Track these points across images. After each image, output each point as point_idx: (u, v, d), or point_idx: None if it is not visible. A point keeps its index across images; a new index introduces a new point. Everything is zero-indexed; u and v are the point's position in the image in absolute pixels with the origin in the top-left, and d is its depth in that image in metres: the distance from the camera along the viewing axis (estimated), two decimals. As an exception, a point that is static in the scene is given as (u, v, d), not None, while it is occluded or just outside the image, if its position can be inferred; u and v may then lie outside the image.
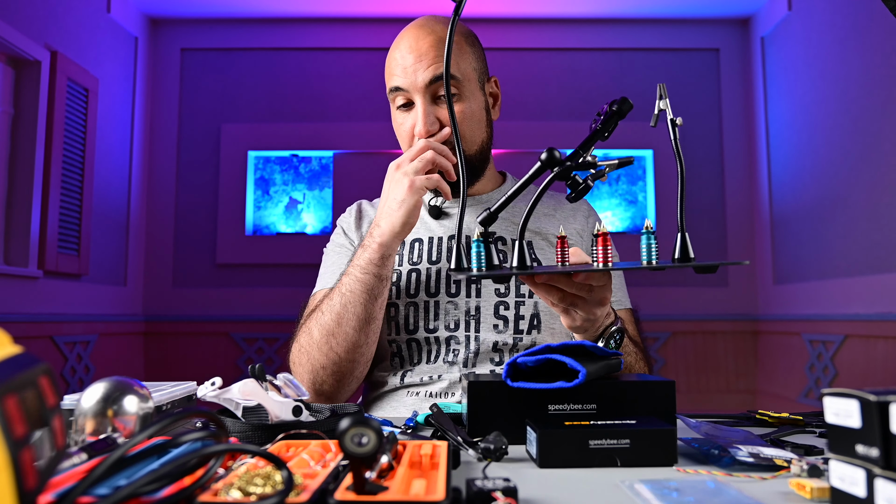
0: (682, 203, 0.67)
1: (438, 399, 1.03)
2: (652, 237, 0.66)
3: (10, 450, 0.31)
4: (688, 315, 3.53)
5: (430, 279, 1.07)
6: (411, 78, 1.03)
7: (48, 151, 2.75)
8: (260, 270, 3.51)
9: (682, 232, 0.66)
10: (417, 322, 1.05)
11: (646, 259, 0.66)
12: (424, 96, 1.04)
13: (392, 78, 1.06)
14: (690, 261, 0.66)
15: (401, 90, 1.05)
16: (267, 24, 3.66)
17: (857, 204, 2.68)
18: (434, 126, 1.04)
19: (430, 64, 1.03)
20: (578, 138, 0.74)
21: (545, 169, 0.71)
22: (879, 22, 2.52)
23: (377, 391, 1.09)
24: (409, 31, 1.07)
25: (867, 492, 0.41)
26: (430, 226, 1.13)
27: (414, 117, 1.05)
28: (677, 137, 0.67)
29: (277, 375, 0.75)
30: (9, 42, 2.53)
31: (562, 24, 3.67)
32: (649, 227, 0.66)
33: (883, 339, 2.50)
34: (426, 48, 1.04)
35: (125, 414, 0.59)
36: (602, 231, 0.68)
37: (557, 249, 0.71)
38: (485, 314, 1.05)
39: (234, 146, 3.61)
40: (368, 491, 0.42)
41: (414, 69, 1.03)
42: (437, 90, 1.04)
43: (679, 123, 0.66)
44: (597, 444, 0.59)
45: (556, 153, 0.70)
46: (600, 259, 0.68)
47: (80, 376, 2.90)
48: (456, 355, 1.04)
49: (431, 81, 1.03)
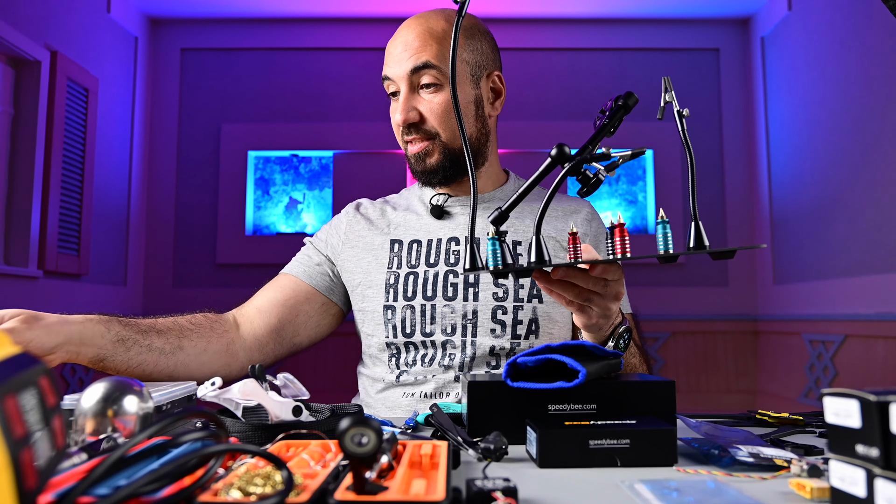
0: (694, 192, 0.68)
1: (431, 399, 1.02)
2: (667, 226, 0.66)
3: (10, 450, 0.31)
4: (688, 315, 3.53)
5: (427, 282, 1.06)
6: (395, 68, 1.05)
7: (48, 151, 2.75)
8: (260, 270, 3.49)
9: (696, 220, 0.66)
10: (414, 326, 1.05)
11: (662, 248, 0.66)
12: (405, 83, 1.05)
13: (384, 67, 1.09)
14: (705, 248, 0.66)
15: (388, 79, 1.07)
16: (267, 24, 3.66)
17: (857, 204, 2.68)
18: (412, 115, 1.05)
19: (412, 54, 1.04)
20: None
21: (556, 165, 0.71)
22: (879, 22, 2.52)
23: (373, 386, 1.09)
24: (405, 23, 1.09)
25: (867, 492, 0.41)
26: (430, 227, 1.12)
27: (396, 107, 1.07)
28: (685, 128, 0.67)
29: (277, 375, 0.75)
30: (9, 42, 2.53)
31: (562, 24, 3.67)
32: (664, 217, 0.66)
33: (883, 339, 2.50)
34: (412, 38, 1.05)
35: (125, 414, 0.59)
36: (618, 222, 0.68)
37: (570, 245, 0.70)
38: (482, 318, 1.04)
39: (234, 146, 3.61)
40: (368, 491, 0.42)
41: (399, 58, 1.05)
42: (419, 79, 1.05)
43: (686, 114, 0.67)
44: (597, 444, 0.59)
45: (565, 148, 0.70)
46: (618, 250, 0.67)
47: (80, 376, 2.90)
48: (452, 359, 1.03)
49: (413, 70, 1.04)
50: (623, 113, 0.71)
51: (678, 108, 0.67)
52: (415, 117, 1.05)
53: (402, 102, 1.05)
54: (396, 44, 1.06)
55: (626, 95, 0.71)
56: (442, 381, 1.03)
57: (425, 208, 1.14)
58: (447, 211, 1.13)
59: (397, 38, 1.07)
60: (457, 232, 1.10)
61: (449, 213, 1.12)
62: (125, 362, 0.90)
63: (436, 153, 1.07)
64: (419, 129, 1.06)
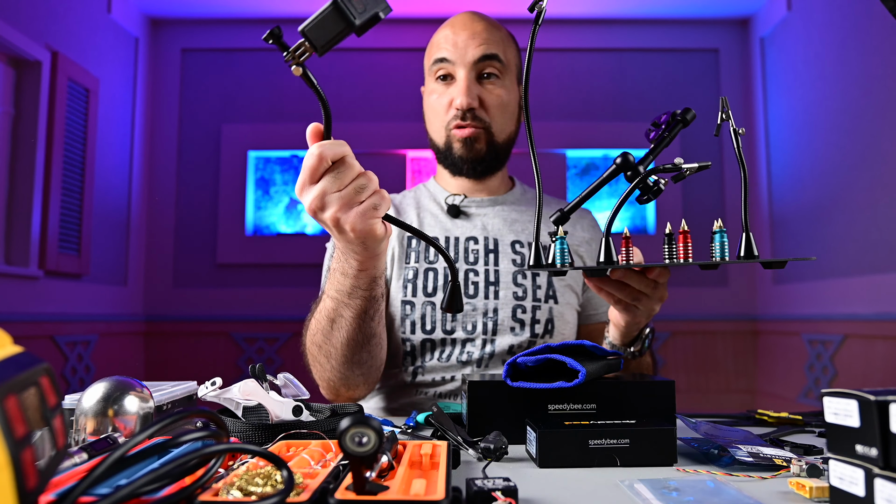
0: (746, 205, 0.73)
1: (448, 400, 1.02)
2: (724, 235, 0.70)
3: (10, 450, 0.31)
4: (688, 315, 3.52)
5: (447, 279, 1.06)
6: (461, 52, 1.07)
7: (49, 151, 2.75)
8: (260, 270, 3.51)
9: (747, 231, 0.71)
10: (434, 323, 1.05)
11: (719, 255, 0.70)
12: (470, 71, 1.07)
13: (438, 51, 1.09)
14: (756, 258, 0.70)
15: (446, 61, 1.08)
16: (267, 25, 3.63)
17: (857, 204, 2.68)
18: (475, 102, 1.06)
19: (481, 43, 1.07)
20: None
21: (619, 172, 0.75)
22: (879, 22, 2.52)
23: (385, 384, 1.08)
24: (461, 15, 1.11)
25: (866, 491, 0.41)
26: (446, 225, 1.12)
27: (453, 91, 1.07)
28: (740, 146, 0.72)
29: (277, 375, 0.75)
30: (9, 42, 2.53)
31: (562, 25, 3.67)
32: (721, 226, 0.71)
33: (882, 339, 2.50)
34: (480, 29, 1.08)
35: (125, 414, 0.59)
36: (683, 229, 0.71)
37: (623, 248, 0.74)
38: (502, 317, 1.05)
39: (234, 146, 3.61)
40: (368, 491, 0.42)
41: (465, 44, 1.07)
42: (483, 70, 1.07)
43: (742, 133, 0.72)
44: (596, 444, 0.59)
45: (630, 157, 0.74)
46: (680, 255, 0.71)
47: (81, 376, 2.90)
48: (470, 356, 1.04)
49: (480, 59, 1.06)
50: (682, 126, 0.75)
51: (734, 126, 0.72)
52: (476, 103, 1.07)
53: (465, 87, 1.06)
54: (459, 31, 1.08)
55: (685, 111, 0.76)
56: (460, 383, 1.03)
57: (440, 207, 1.14)
58: (464, 211, 1.13)
59: (457, 27, 1.09)
60: (474, 232, 1.11)
61: (466, 213, 1.13)
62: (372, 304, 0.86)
63: (483, 141, 1.09)
64: (475, 116, 1.08)
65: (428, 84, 1.13)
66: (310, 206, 0.70)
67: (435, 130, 1.12)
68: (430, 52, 1.12)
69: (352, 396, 0.99)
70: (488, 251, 1.09)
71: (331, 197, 0.69)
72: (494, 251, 1.09)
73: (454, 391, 1.03)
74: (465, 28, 1.08)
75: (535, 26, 0.73)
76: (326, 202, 0.69)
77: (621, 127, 3.53)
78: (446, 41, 1.08)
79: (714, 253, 0.70)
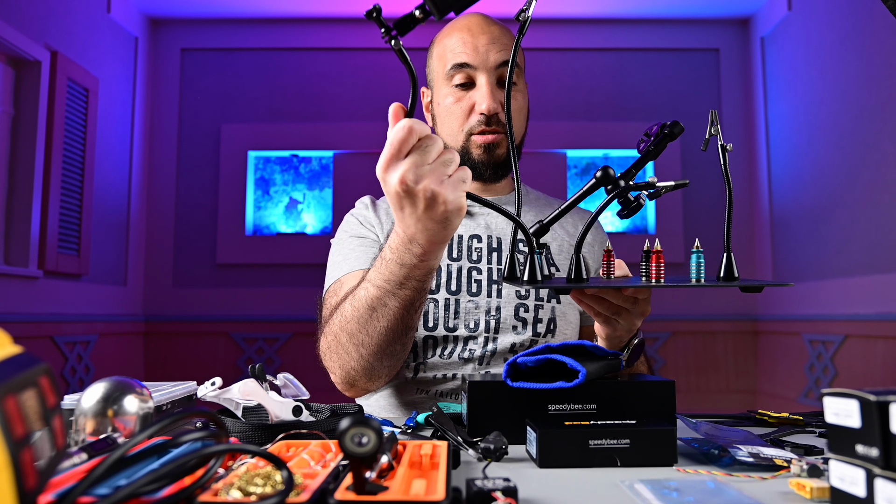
0: (730, 225, 0.72)
1: (448, 399, 1.02)
2: (701, 256, 0.69)
3: (10, 450, 0.31)
4: (688, 315, 3.52)
5: (451, 277, 1.07)
6: (482, 57, 1.06)
7: (48, 151, 2.75)
8: (260, 270, 3.51)
9: (728, 252, 0.70)
10: (437, 319, 1.05)
11: (695, 276, 0.69)
12: (491, 75, 1.06)
13: (457, 55, 1.07)
14: (735, 280, 0.69)
15: (468, 66, 1.07)
16: (267, 24, 3.66)
17: (857, 204, 2.68)
18: (499, 107, 1.06)
19: (501, 48, 1.06)
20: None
21: (599, 186, 0.74)
22: (879, 22, 2.52)
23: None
24: (472, 17, 1.10)
25: (867, 492, 0.41)
26: None
27: (474, 96, 1.07)
28: (727, 162, 0.71)
29: (277, 375, 0.75)
30: (9, 42, 2.53)
31: (562, 24, 3.67)
32: (699, 247, 0.70)
33: (883, 339, 2.50)
34: (498, 33, 1.08)
35: (125, 414, 0.59)
36: (656, 249, 0.71)
37: (604, 262, 0.73)
38: (505, 315, 1.06)
39: (234, 146, 3.61)
40: (368, 491, 0.42)
41: (486, 49, 1.06)
42: (503, 74, 1.07)
43: (729, 149, 0.70)
44: (597, 444, 0.59)
45: (610, 171, 0.74)
46: (653, 275, 0.70)
47: (81, 376, 2.90)
48: (472, 353, 1.04)
49: (501, 64, 1.06)
50: (668, 140, 0.74)
51: (722, 141, 0.70)
52: (499, 108, 1.07)
53: (489, 92, 1.05)
54: (478, 35, 1.07)
55: (672, 124, 0.74)
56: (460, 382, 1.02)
57: None
58: (468, 210, 1.13)
59: (475, 30, 1.07)
60: (478, 230, 1.12)
61: (470, 213, 1.14)
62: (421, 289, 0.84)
63: (502, 147, 1.09)
64: (497, 122, 1.07)
65: (439, 88, 1.11)
66: (402, 178, 0.69)
67: (448, 134, 1.11)
68: (443, 56, 1.10)
69: (367, 388, 0.98)
70: (492, 249, 1.10)
71: (423, 169, 0.69)
72: (498, 250, 1.10)
73: (454, 390, 1.03)
74: (484, 32, 1.07)
75: (519, 35, 0.73)
76: (420, 174, 0.69)
77: (621, 127, 3.53)
78: (465, 45, 1.06)
79: (690, 273, 0.70)
